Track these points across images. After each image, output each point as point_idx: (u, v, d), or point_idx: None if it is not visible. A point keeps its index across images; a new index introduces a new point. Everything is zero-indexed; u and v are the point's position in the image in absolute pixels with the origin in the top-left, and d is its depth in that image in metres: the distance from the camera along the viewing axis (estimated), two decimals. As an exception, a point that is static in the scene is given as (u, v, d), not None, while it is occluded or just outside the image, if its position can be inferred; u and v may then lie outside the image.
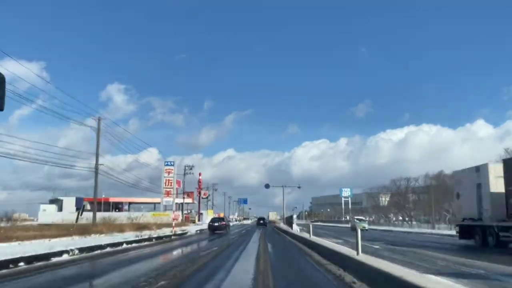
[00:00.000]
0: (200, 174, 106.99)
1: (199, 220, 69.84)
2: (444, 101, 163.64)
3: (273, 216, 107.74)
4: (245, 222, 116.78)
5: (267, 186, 48.35)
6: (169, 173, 61.24)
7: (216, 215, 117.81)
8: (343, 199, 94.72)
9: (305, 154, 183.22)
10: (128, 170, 74.39)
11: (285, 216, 48.96)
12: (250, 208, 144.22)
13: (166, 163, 61.30)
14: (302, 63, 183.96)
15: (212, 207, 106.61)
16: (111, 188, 76.48)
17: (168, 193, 60.90)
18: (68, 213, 53.92)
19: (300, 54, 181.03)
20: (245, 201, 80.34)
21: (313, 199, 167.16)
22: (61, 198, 62.27)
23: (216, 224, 36.68)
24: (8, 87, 5.44)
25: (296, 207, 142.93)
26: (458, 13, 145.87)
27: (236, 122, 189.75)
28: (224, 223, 38.41)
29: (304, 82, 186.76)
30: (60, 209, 58.54)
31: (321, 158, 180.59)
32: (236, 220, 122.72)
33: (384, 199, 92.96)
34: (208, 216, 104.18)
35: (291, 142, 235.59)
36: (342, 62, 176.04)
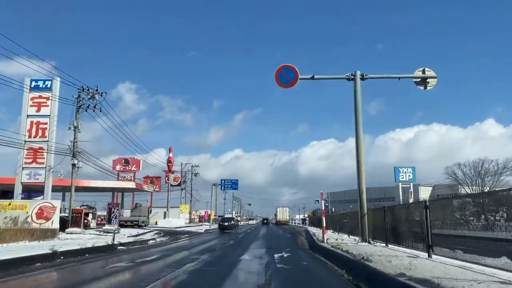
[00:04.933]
0: (171, 150, 71.82)
1: (140, 226, 34.93)
2: (454, 100, 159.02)
3: (282, 213, 72.10)
4: (251, 222, 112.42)
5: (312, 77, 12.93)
6: (40, 106, 25.89)
7: (196, 213, 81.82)
8: (400, 186, 58.86)
9: (313, 154, 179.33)
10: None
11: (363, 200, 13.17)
12: (250, 204, 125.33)
13: (33, 83, 25.83)
14: (314, 60, 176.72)
15: (191, 201, 70.86)
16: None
17: (35, 155, 25.47)
18: None
19: (312, 51, 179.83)
20: (233, 185, 45.51)
21: (329, 195, 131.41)
22: None
23: (226, 223, 37.36)
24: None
25: (304, 207, 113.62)
26: (470, 10, 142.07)
27: (245, 121, 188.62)
28: (233, 223, 39.28)
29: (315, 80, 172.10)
30: None
31: (329, 158, 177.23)
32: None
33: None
34: (182, 214, 68.85)
35: (299, 142, 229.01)
36: (356, 59, 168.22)
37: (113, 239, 15.03)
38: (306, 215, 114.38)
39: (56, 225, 22.90)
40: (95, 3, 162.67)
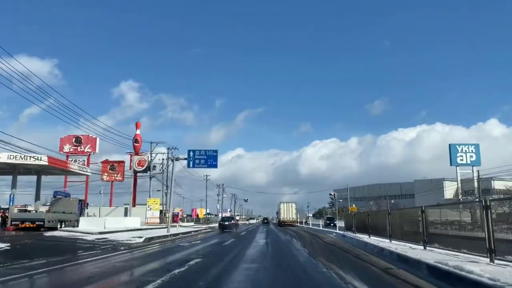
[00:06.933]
0: (138, 126, 54.48)
1: (52, 229, 18.15)
2: (458, 100, 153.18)
3: (288, 211, 55.09)
4: (251, 221, 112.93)
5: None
6: None
7: (175, 210, 64.74)
8: (458, 171, 41.67)
9: (315, 154, 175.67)
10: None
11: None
12: (246, 200, 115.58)
13: None
14: (318, 59, 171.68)
15: (170, 193, 52.91)
16: None
17: None
18: None
19: (317, 50, 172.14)
20: (209, 160, 27.86)
21: (338, 193, 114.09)
22: None
23: (226, 223, 38.19)
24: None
25: (308, 205, 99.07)
26: (476, 11, 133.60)
27: (247, 120, 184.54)
28: (233, 222, 40.35)
29: (319, 79, 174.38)
30: None
31: (331, 157, 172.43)
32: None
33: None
34: (150, 211, 51.50)
35: (300, 142, 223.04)
36: (363, 56, 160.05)
37: None
38: (310, 214, 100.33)
39: None
40: (96, 1, 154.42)
